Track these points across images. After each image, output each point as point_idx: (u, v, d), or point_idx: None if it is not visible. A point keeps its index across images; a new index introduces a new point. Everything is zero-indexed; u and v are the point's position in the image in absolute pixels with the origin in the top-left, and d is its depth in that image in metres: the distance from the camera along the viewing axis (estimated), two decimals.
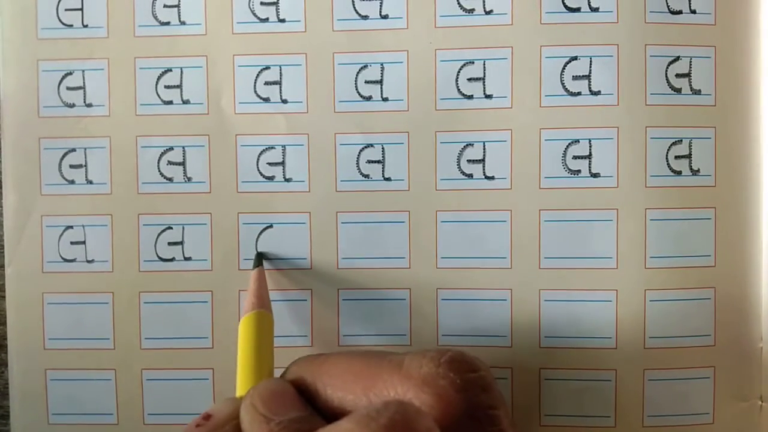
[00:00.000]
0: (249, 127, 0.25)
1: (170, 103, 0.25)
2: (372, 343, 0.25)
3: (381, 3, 0.25)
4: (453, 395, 0.17)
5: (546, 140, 0.24)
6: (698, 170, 0.24)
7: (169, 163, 0.25)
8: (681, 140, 0.24)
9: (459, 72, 0.24)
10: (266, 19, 0.25)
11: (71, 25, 0.25)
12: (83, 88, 0.25)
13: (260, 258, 0.24)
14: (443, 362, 0.17)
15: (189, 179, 0.25)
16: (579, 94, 0.24)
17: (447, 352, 0.18)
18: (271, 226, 0.25)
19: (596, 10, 0.24)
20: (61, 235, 0.25)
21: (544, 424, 0.24)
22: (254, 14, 0.25)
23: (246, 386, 0.20)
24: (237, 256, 0.25)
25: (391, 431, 0.14)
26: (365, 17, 0.25)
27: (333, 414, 0.18)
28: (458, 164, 0.25)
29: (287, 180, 0.25)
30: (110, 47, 0.25)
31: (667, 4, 0.24)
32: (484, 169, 0.25)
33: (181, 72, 0.25)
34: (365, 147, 0.25)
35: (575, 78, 0.24)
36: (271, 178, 0.25)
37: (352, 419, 0.15)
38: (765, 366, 0.24)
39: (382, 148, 0.25)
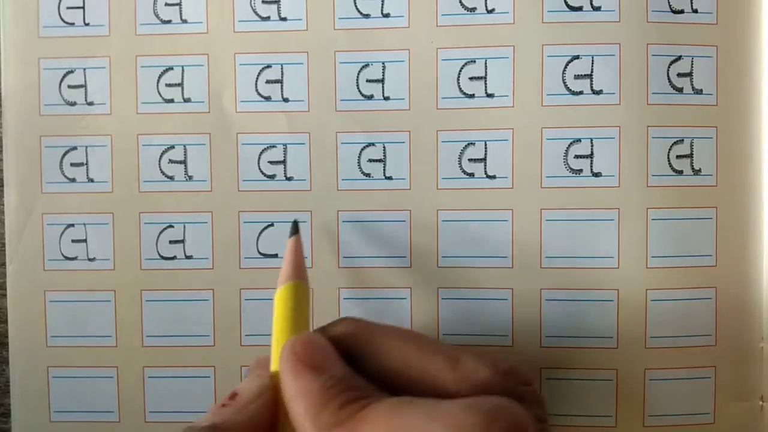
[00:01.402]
0: (250, 125, 0.25)
1: (171, 101, 0.25)
2: None
3: (382, 2, 0.25)
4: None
5: (547, 139, 0.25)
6: (699, 170, 0.25)
7: (171, 161, 0.26)
8: (682, 140, 0.24)
9: (460, 71, 0.25)
10: (268, 18, 0.25)
11: (73, 24, 0.26)
12: (84, 86, 0.26)
13: (296, 226, 0.22)
14: (501, 371, 0.17)
15: (190, 178, 0.25)
16: (581, 93, 0.24)
17: (504, 360, 0.18)
18: (272, 225, 0.25)
19: (598, 9, 0.24)
20: (63, 233, 0.26)
21: None
22: (256, 13, 0.25)
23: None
24: (238, 254, 0.25)
25: None
26: (367, 16, 0.25)
27: (377, 383, 0.18)
28: (459, 163, 0.25)
29: (288, 179, 0.25)
30: (111, 45, 0.26)
31: (669, 3, 0.24)
32: (485, 168, 0.25)
33: (183, 70, 0.25)
34: (366, 146, 0.25)
35: (577, 77, 0.24)
36: (272, 177, 0.25)
37: (472, 410, 0.15)
38: (766, 366, 0.25)
39: (384, 147, 0.25)
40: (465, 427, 0.14)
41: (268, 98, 0.25)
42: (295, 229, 0.22)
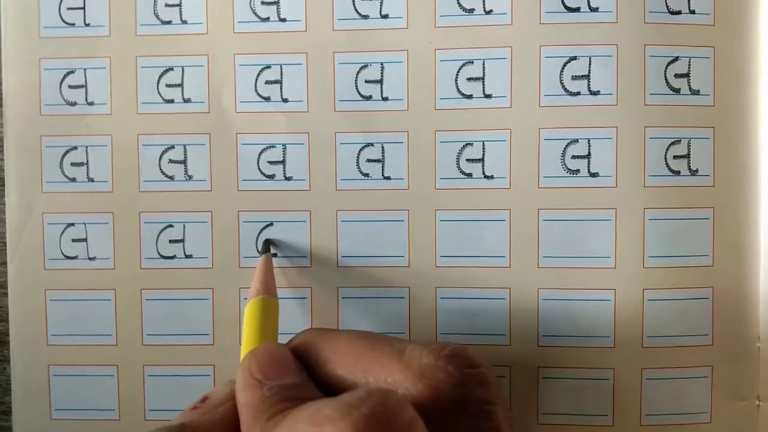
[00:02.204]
0: (250, 125, 0.26)
1: (171, 101, 0.26)
2: None
3: (381, 3, 0.25)
4: (449, 389, 0.17)
5: (545, 140, 0.25)
6: (697, 170, 0.25)
7: (170, 161, 0.26)
8: (680, 140, 0.25)
9: (459, 71, 0.25)
10: (267, 19, 0.26)
11: (73, 24, 0.26)
12: (85, 86, 0.26)
13: (267, 245, 0.25)
14: (443, 355, 0.18)
15: (190, 177, 0.26)
16: (578, 93, 0.25)
17: (448, 345, 0.18)
18: (271, 224, 0.26)
19: (596, 10, 0.25)
20: (63, 232, 0.26)
21: (541, 423, 0.25)
22: (255, 14, 0.26)
23: None
24: (237, 253, 0.26)
25: (372, 421, 0.14)
26: (365, 17, 0.25)
27: (330, 389, 0.18)
28: (458, 163, 0.25)
29: (288, 178, 0.26)
30: (112, 46, 0.26)
31: (666, 4, 0.25)
32: (483, 169, 0.25)
33: (183, 71, 0.26)
34: (365, 146, 0.25)
35: (574, 78, 0.25)
36: (271, 177, 0.26)
37: (334, 405, 0.15)
38: (762, 365, 0.25)
39: (382, 147, 0.25)
40: (321, 421, 0.15)
41: (267, 98, 0.26)
42: (266, 247, 0.24)
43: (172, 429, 0.17)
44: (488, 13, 0.25)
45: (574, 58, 0.25)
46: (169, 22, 0.26)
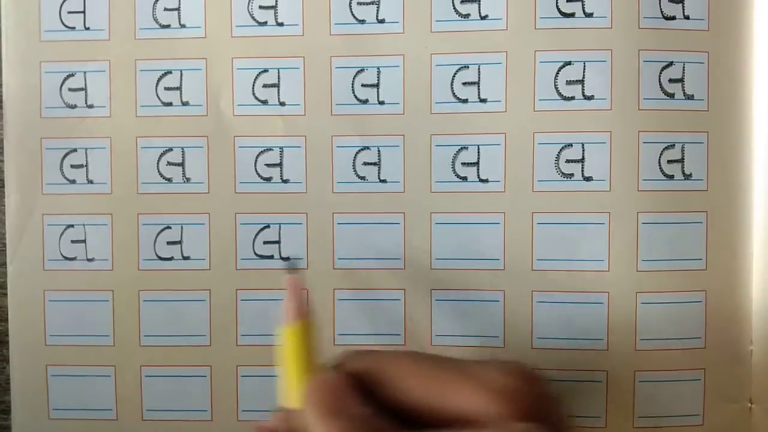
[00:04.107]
0: (247, 128, 0.27)
1: (170, 104, 0.27)
2: (366, 343, 0.26)
3: (378, 7, 0.26)
4: (525, 405, 0.18)
5: (539, 144, 0.26)
6: (690, 174, 0.26)
7: (169, 163, 0.27)
8: (673, 145, 0.26)
9: (454, 76, 0.26)
10: (265, 23, 0.27)
11: (73, 28, 0.27)
12: (85, 89, 0.27)
13: (294, 265, 0.24)
14: (518, 376, 0.18)
15: (188, 180, 0.27)
16: (572, 98, 0.26)
17: (516, 364, 0.19)
18: (268, 227, 0.27)
19: (590, 15, 0.26)
20: (62, 233, 0.27)
21: None
22: (253, 18, 0.27)
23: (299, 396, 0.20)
24: (234, 255, 0.27)
25: None
26: (362, 22, 0.26)
27: (400, 414, 0.19)
28: (453, 167, 0.26)
29: (284, 181, 0.27)
30: (111, 49, 0.27)
31: (660, 9, 0.26)
32: (478, 172, 0.26)
33: (181, 74, 0.27)
34: (361, 149, 0.27)
35: (569, 83, 0.26)
36: (268, 179, 0.27)
37: None
38: (755, 368, 0.26)
39: (378, 151, 0.27)
40: None
41: (264, 102, 0.27)
42: (293, 266, 0.23)
43: None
44: (483, 18, 0.26)
45: (569, 63, 0.26)
46: (168, 26, 0.27)
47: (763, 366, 0.26)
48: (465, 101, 0.26)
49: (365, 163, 0.27)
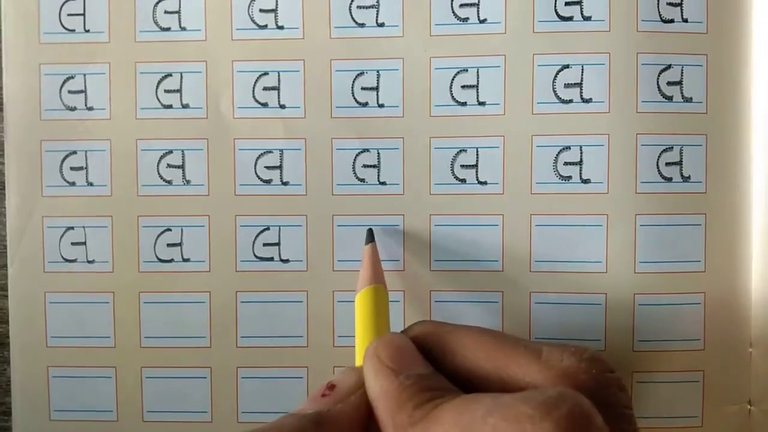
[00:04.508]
0: (247, 131, 0.27)
1: (170, 107, 0.27)
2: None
3: (377, 11, 0.27)
4: (594, 390, 0.17)
5: (538, 146, 0.26)
6: (689, 177, 0.26)
7: (169, 166, 0.27)
8: (672, 147, 0.26)
9: (453, 79, 0.27)
10: (265, 26, 0.27)
11: (73, 30, 0.27)
12: (84, 91, 0.27)
13: (371, 234, 0.25)
14: (585, 358, 0.18)
15: (188, 182, 0.27)
16: (570, 101, 0.26)
17: (587, 349, 0.19)
18: (267, 229, 0.27)
19: (588, 18, 0.26)
20: (62, 235, 0.28)
21: None
22: (253, 21, 0.27)
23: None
24: (234, 257, 0.27)
25: (572, 423, 0.15)
26: (362, 25, 0.27)
27: (456, 382, 0.19)
28: (452, 169, 0.27)
29: (284, 183, 0.27)
30: (111, 52, 0.27)
31: (659, 12, 0.26)
32: (477, 175, 0.27)
33: (181, 77, 0.27)
34: (361, 152, 0.27)
35: (567, 86, 0.26)
36: (268, 182, 0.27)
37: (528, 402, 0.15)
38: (754, 370, 0.26)
39: (378, 153, 0.27)
40: (520, 418, 0.15)
41: (264, 105, 0.27)
42: (371, 237, 0.25)
43: (309, 417, 0.18)
44: (482, 21, 0.26)
45: (567, 66, 0.26)
46: (168, 29, 0.27)
47: (762, 368, 0.26)
48: (464, 104, 0.27)
49: (365, 166, 0.27)
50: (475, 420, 0.16)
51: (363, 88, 0.27)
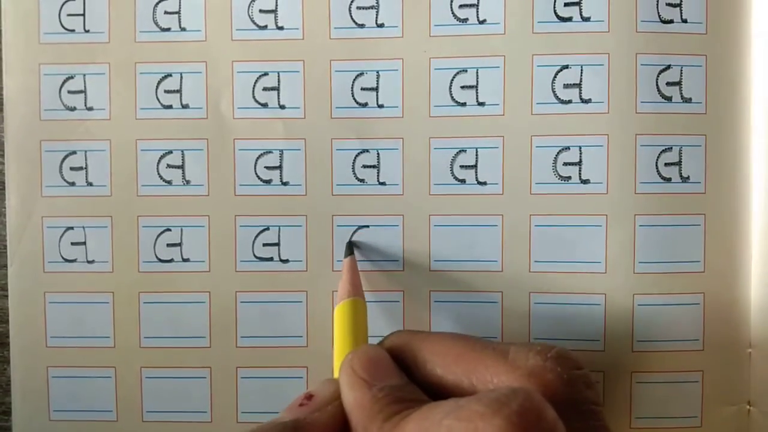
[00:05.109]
0: (247, 131, 0.27)
1: (170, 107, 0.28)
2: None
3: (377, 12, 0.27)
4: (560, 388, 0.18)
5: (537, 147, 0.27)
6: (688, 177, 0.27)
7: (168, 166, 0.28)
8: (671, 148, 0.27)
9: (453, 80, 0.27)
10: (265, 27, 0.27)
11: (73, 30, 0.28)
12: (84, 91, 0.28)
13: (351, 247, 0.26)
14: (551, 356, 0.19)
15: (188, 182, 0.28)
16: (570, 102, 0.27)
17: (553, 347, 0.19)
18: (267, 229, 0.28)
19: (588, 19, 0.27)
20: (62, 235, 0.28)
21: None
22: (253, 21, 0.27)
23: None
24: (234, 258, 0.28)
25: (522, 418, 0.15)
26: (362, 26, 0.27)
27: (430, 390, 0.19)
28: (451, 170, 0.27)
29: (284, 184, 0.28)
30: (111, 52, 0.28)
31: (658, 13, 0.26)
32: (476, 175, 0.27)
33: (181, 77, 0.28)
34: (361, 152, 0.27)
35: (566, 86, 0.27)
36: (268, 182, 0.28)
37: (482, 401, 0.16)
38: (753, 371, 0.26)
39: (378, 154, 0.27)
40: (472, 417, 0.15)
41: (264, 105, 0.28)
42: (350, 250, 0.26)
43: (287, 425, 0.19)
44: (482, 22, 0.27)
45: (566, 66, 0.27)
46: (168, 29, 0.28)
47: (761, 368, 0.26)
48: (463, 105, 0.27)
49: (364, 166, 0.27)
50: (433, 424, 0.16)
51: (363, 89, 0.27)
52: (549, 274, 0.27)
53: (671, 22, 0.27)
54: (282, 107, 0.27)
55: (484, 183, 0.27)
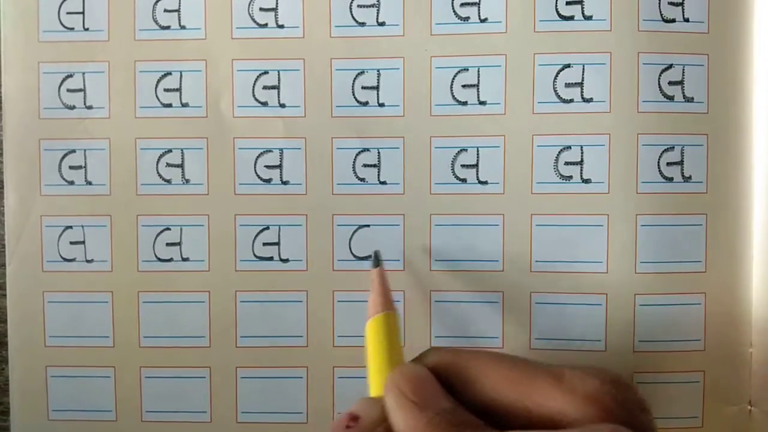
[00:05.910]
0: (247, 130, 0.28)
1: (169, 106, 0.28)
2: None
3: (378, 10, 0.27)
4: (616, 412, 0.18)
5: (538, 146, 0.27)
6: (690, 177, 0.27)
7: (168, 165, 0.28)
8: (673, 147, 0.27)
9: (454, 78, 0.27)
10: (265, 25, 0.28)
11: (72, 28, 0.28)
12: (83, 90, 0.28)
13: (378, 257, 0.25)
14: (608, 381, 0.19)
15: (187, 181, 0.28)
16: (571, 101, 0.27)
17: (607, 371, 0.19)
18: (267, 228, 0.28)
19: (590, 18, 0.27)
20: (61, 235, 0.28)
21: None
22: (253, 20, 0.28)
23: (382, 386, 0.21)
24: (233, 257, 0.28)
25: None
26: (362, 24, 0.27)
27: (476, 411, 0.19)
28: (452, 169, 0.27)
29: (284, 183, 0.28)
30: (111, 50, 0.28)
31: (660, 12, 0.27)
32: (477, 174, 0.27)
33: (181, 75, 0.28)
34: (361, 151, 0.28)
35: (568, 85, 0.27)
36: (268, 181, 0.28)
37: None
38: (754, 371, 0.27)
39: (378, 153, 0.28)
40: None
41: (264, 104, 0.28)
42: (377, 260, 0.25)
43: None
44: (483, 21, 0.27)
45: (568, 65, 0.27)
46: (168, 28, 0.28)
47: (762, 368, 0.27)
48: (464, 103, 0.27)
49: (365, 165, 0.28)
50: None
51: (363, 87, 0.27)
52: (550, 274, 0.27)
53: (673, 21, 0.27)
54: (282, 106, 0.28)
55: (485, 182, 0.27)
